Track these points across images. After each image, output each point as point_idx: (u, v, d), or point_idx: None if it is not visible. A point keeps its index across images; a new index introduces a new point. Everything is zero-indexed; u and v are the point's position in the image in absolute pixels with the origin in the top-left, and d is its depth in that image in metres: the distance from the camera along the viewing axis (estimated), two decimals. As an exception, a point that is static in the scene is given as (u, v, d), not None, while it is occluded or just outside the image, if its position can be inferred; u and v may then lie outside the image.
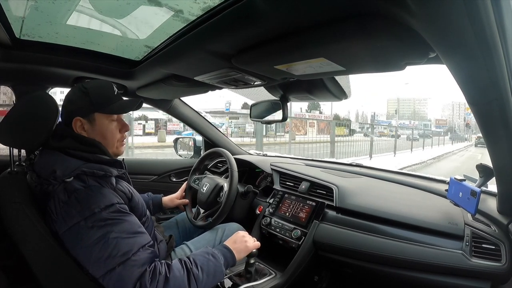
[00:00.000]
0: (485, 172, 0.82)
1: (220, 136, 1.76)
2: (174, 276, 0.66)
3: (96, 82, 0.83)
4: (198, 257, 0.75)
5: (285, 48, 0.57)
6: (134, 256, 0.64)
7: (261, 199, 1.33)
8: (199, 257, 0.74)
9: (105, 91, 0.80)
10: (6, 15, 0.71)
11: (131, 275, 0.62)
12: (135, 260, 0.64)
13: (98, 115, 0.78)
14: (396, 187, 1.18)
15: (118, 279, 0.62)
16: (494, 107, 0.51)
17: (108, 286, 0.63)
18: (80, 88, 0.78)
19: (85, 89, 0.78)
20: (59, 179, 0.69)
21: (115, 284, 0.63)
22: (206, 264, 0.73)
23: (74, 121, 0.77)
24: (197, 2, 0.56)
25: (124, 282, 0.62)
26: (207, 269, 0.72)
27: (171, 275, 0.66)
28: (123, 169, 0.81)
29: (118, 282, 0.62)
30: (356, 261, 0.95)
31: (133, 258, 0.64)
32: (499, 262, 0.76)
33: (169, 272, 0.66)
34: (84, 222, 0.64)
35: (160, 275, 0.65)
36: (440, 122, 19.40)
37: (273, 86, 1.00)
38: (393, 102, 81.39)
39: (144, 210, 0.84)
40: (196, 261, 0.73)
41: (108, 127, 0.80)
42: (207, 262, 0.74)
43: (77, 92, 0.78)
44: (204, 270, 0.72)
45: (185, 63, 0.83)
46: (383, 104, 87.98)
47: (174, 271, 0.67)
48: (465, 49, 0.40)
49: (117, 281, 0.62)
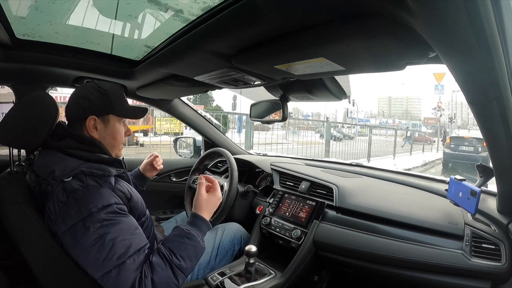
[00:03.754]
0: (485, 172, 0.82)
1: (220, 136, 1.76)
2: (158, 275, 0.65)
3: (111, 84, 0.85)
4: (173, 244, 0.71)
5: (285, 48, 0.57)
6: (129, 259, 0.63)
7: (261, 199, 1.33)
8: (174, 244, 0.71)
9: (121, 95, 0.84)
10: (6, 15, 0.71)
11: (126, 279, 0.62)
12: (130, 264, 0.63)
13: (112, 117, 0.81)
14: (396, 187, 1.18)
15: (114, 282, 0.62)
16: (494, 107, 0.51)
17: (106, 286, 0.63)
18: (96, 88, 0.79)
19: (104, 90, 0.79)
20: (58, 179, 0.69)
21: (112, 286, 0.62)
22: (184, 249, 0.70)
23: (89, 119, 0.77)
24: (197, 2, 0.56)
25: (120, 286, 0.62)
26: (187, 254, 0.70)
27: (155, 276, 0.64)
28: (123, 169, 0.81)
29: (115, 285, 0.62)
30: (356, 261, 0.95)
31: (128, 262, 0.63)
32: (499, 262, 0.76)
33: (152, 273, 0.64)
34: (82, 222, 0.64)
35: (145, 278, 0.63)
36: (430, 121, 18.57)
37: (273, 86, 1.00)
38: (384, 101, 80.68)
39: (144, 209, 0.83)
40: (173, 249, 0.69)
41: (119, 129, 0.83)
42: (184, 247, 0.71)
43: (94, 92, 0.79)
44: (184, 257, 0.69)
45: (185, 63, 0.83)
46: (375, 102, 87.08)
47: (156, 270, 0.65)
48: (465, 49, 0.40)
49: (113, 284, 0.62)
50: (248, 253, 0.94)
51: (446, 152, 7.80)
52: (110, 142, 0.81)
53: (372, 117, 61.56)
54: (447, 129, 17.00)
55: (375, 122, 39.21)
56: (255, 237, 1.17)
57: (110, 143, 0.82)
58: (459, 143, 7.39)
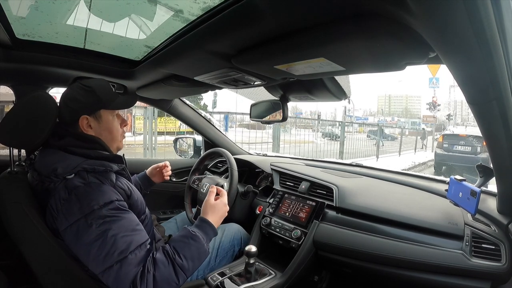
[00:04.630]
0: (485, 172, 0.82)
1: (220, 136, 1.76)
2: (160, 272, 0.66)
3: (96, 80, 0.83)
4: (179, 243, 0.72)
5: (285, 48, 0.57)
6: (131, 254, 0.65)
7: (261, 199, 1.33)
8: (179, 244, 0.72)
9: (108, 88, 0.83)
10: (6, 15, 0.71)
11: (127, 274, 0.63)
12: (132, 259, 0.64)
13: (103, 111, 0.81)
14: (396, 187, 1.18)
15: (116, 277, 0.63)
16: (494, 107, 0.51)
17: (107, 282, 0.64)
18: (81, 86, 0.79)
19: (89, 88, 0.79)
20: (60, 176, 0.69)
21: (113, 282, 0.63)
22: (188, 250, 0.71)
23: (81, 119, 0.77)
24: (197, 2, 0.56)
25: (121, 280, 0.63)
26: (190, 255, 0.71)
27: (157, 272, 0.65)
28: (123, 164, 0.82)
29: (116, 279, 0.63)
30: (356, 261, 0.95)
31: (130, 256, 0.64)
32: (499, 262, 0.76)
33: (154, 268, 0.66)
34: (84, 219, 0.65)
35: (148, 273, 0.64)
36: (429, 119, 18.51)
37: (273, 86, 1.00)
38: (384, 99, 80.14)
39: (143, 208, 0.84)
40: (177, 249, 0.70)
41: (113, 123, 0.83)
42: (188, 248, 0.71)
43: (80, 91, 0.78)
44: (187, 257, 0.70)
45: (185, 63, 0.83)
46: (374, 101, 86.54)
47: (158, 266, 0.66)
48: (465, 49, 0.40)
49: (115, 279, 0.63)
50: (248, 253, 0.94)
51: (438, 153, 6.48)
52: (107, 137, 0.82)
53: (371, 115, 61.27)
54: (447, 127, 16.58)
55: (373, 120, 39.25)
56: (255, 237, 1.17)
57: (107, 138, 0.82)
58: (454, 142, 6.17)
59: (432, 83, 13.90)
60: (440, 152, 6.42)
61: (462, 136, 6.17)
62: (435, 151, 6.97)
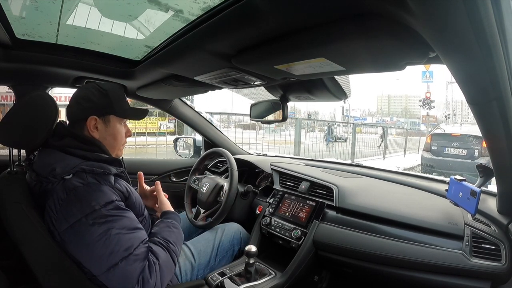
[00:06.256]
0: (485, 172, 0.82)
1: (220, 136, 1.76)
2: (162, 260, 0.71)
3: (112, 85, 0.86)
4: (166, 233, 0.79)
5: (285, 48, 0.57)
6: (136, 250, 0.66)
7: (261, 199, 1.33)
8: (166, 233, 0.79)
9: (122, 96, 0.85)
10: (6, 15, 0.71)
11: (134, 270, 0.64)
12: (137, 255, 0.66)
13: (113, 117, 0.82)
14: (396, 187, 1.18)
15: (122, 275, 0.63)
16: (494, 107, 0.51)
17: (111, 282, 0.64)
18: (97, 88, 0.80)
19: (104, 91, 0.80)
20: (59, 177, 0.69)
21: (119, 280, 0.64)
22: (174, 236, 0.80)
23: (90, 119, 0.78)
24: (197, 2, 0.56)
25: (127, 277, 0.63)
26: (176, 240, 0.79)
27: (160, 261, 0.70)
28: (122, 168, 0.82)
29: (122, 277, 0.63)
30: (356, 261, 0.95)
31: (135, 252, 0.66)
32: (499, 262, 0.76)
33: (158, 259, 0.70)
34: (85, 219, 0.65)
35: (155, 265, 0.68)
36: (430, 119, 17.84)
37: (273, 86, 1.00)
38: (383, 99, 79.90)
39: (142, 209, 0.84)
40: (167, 237, 0.78)
41: (119, 130, 0.84)
42: (174, 235, 0.81)
43: (95, 92, 0.79)
44: (176, 243, 0.79)
45: (185, 63, 0.83)
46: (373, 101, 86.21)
47: (160, 256, 0.71)
48: (465, 49, 0.40)
49: (121, 277, 0.63)
50: (248, 253, 0.94)
51: (425, 156, 5.05)
52: (110, 142, 0.82)
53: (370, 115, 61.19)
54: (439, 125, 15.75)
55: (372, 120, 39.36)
56: (255, 237, 1.17)
57: (110, 144, 0.82)
58: (445, 144, 4.80)
59: (426, 77, 12.73)
60: (428, 156, 4.99)
61: (456, 136, 4.77)
62: (421, 155, 5.45)
